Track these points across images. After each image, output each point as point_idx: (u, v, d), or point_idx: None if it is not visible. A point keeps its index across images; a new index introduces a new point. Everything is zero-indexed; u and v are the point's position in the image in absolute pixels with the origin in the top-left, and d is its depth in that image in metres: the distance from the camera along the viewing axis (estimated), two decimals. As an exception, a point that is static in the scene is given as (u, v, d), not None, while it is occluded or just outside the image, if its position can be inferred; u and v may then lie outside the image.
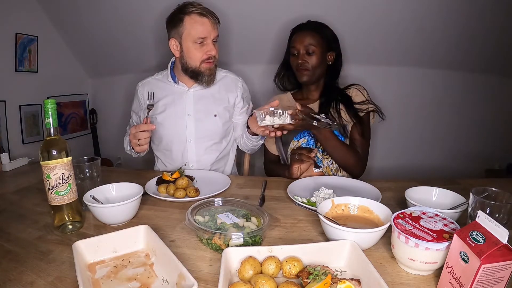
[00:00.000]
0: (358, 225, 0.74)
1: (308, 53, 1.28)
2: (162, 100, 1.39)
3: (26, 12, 2.05)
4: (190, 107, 1.36)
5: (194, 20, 1.22)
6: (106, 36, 2.24)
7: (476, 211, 0.60)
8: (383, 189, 0.99)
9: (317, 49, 1.27)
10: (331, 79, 1.37)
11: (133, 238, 0.71)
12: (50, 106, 0.75)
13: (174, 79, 1.38)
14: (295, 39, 1.30)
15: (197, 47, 1.25)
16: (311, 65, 1.28)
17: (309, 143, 1.30)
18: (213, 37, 1.25)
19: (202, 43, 1.24)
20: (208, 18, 1.23)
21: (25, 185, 1.16)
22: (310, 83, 1.34)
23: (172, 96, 1.38)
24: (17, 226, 0.84)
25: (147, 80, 1.47)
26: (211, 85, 1.35)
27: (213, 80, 1.34)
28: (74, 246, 0.64)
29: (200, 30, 1.22)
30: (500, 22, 1.77)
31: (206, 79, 1.31)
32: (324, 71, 1.34)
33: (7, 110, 2.01)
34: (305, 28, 1.31)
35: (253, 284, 0.55)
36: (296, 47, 1.29)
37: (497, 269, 0.47)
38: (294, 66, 1.33)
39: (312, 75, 1.30)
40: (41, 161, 0.75)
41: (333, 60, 1.34)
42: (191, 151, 1.38)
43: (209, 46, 1.25)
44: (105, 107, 2.72)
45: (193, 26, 1.22)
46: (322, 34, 1.29)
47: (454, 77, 2.13)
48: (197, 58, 1.26)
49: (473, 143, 2.23)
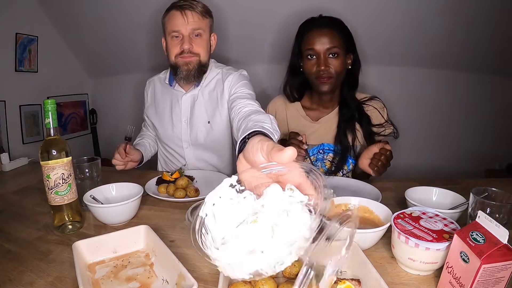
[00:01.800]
0: (358, 225, 0.74)
1: (331, 56, 1.08)
2: (161, 103, 1.38)
3: (26, 12, 2.05)
4: (186, 113, 1.33)
5: (171, 15, 1.20)
6: (106, 36, 2.24)
7: (476, 211, 0.60)
8: (383, 189, 0.99)
9: (341, 51, 1.08)
10: (350, 87, 1.18)
11: (133, 238, 0.71)
12: (50, 106, 0.75)
13: (171, 82, 1.35)
14: (312, 39, 1.08)
15: (172, 41, 1.21)
16: (334, 72, 1.09)
17: (318, 159, 1.23)
18: (189, 31, 1.18)
19: (178, 37, 1.20)
20: (183, 11, 1.17)
21: (25, 185, 1.16)
22: (329, 93, 1.15)
23: (169, 101, 1.36)
24: (17, 226, 0.84)
25: (153, 79, 1.45)
26: (193, 82, 1.28)
27: (193, 76, 1.24)
28: (74, 246, 0.64)
29: (173, 24, 1.18)
30: (500, 22, 1.77)
31: (183, 75, 1.23)
32: (343, 78, 1.15)
33: (7, 110, 2.01)
34: (323, 25, 1.09)
35: (253, 284, 0.55)
36: (316, 49, 1.08)
37: (497, 269, 0.47)
38: (313, 73, 1.11)
39: (334, 83, 1.12)
40: (41, 161, 0.75)
41: (351, 64, 1.16)
42: (189, 156, 1.38)
43: (183, 39, 1.19)
44: (105, 107, 2.73)
45: (168, 21, 1.20)
46: (343, 33, 1.10)
47: (454, 77, 2.13)
48: (172, 52, 1.22)
49: (473, 143, 2.23)
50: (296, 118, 1.27)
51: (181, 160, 1.40)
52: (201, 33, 1.21)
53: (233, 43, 2.10)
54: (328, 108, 1.22)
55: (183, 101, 1.33)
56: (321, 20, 1.13)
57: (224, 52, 2.07)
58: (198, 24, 1.19)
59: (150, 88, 1.44)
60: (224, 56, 2.14)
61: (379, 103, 1.20)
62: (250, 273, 0.37)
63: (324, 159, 1.23)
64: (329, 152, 1.22)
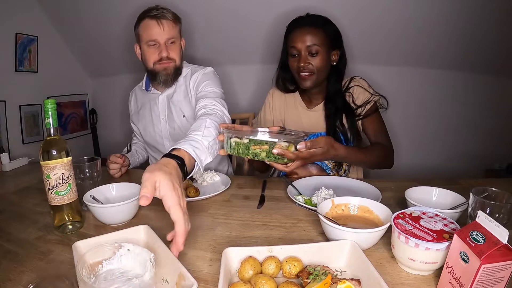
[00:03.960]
0: (358, 225, 0.74)
1: (311, 54, 1.13)
2: (141, 109, 1.48)
3: (26, 12, 2.05)
4: (163, 112, 1.41)
5: (146, 24, 1.26)
6: (106, 36, 2.24)
7: (476, 211, 0.60)
8: (383, 189, 0.99)
9: (322, 49, 1.12)
10: (335, 82, 1.22)
11: (133, 238, 0.71)
12: (50, 106, 0.75)
13: (147, 87, 1.43)
14: (295, 38, 1.14)
15: (149, 49, 1.28)
16: (315, 68, 1.13)
17: None
18: (164, 39, 1.26)
19: (155, 45, 1.27)
20: (158, 20, 1.24)
21: (25, 185, 1.16)
22: (314, 87, 1.21)
23: (148, 104, 1.45)
24: (17, 226, 0.84)
25: (134, 89, 1.56)
26: (170, 85, 1.37)
27: (171, 80, 1.34)
28: (74, 246, 0.64)
29: (149, 33, 1.25)
30: (500, 22, 1.77)
31: (162, 79, 1.32)
32: (328, 73, 1.20)
33: (7, 110, 2.01)
34: (305, 24, 1.14)
35: (253, 284, 0.55)
36: (297, 47, 1.13)
37: (497, 269, 0.47)
38: (295, 69, 1.17)
39: (316, 79, 1.15)
40: (41, 161, 0.75)
41: (337, 60, 1.20)
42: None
43: (161, 47, 1.27)
44: (105, 107, 2.73)
45: (144, 30, 1.27)
46: (326, 31, 1.14)
47: (454, 77, 2.13)
48: (150, 60, 1.29)
49: (473, 143, 2.23)
50: (293, 105, 1.32)
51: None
52: (175, 40, 1.30)
53: (221, 41, 2.11)
54: (318, 100, 1.28)
55: (160, 101, 1.42)
56: (306, 19, 1.17)
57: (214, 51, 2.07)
58: (172, 32, 1.28)
59: (132, 97, 1.55)
60: (217, 55, 2.15)
61: (357, 80, 1.24)
62: None
63: None
64: None
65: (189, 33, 1.78)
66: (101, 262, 0.60)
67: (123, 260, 0.61)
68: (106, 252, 0.62)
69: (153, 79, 1.37)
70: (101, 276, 0.58)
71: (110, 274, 0.58)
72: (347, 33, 1.31)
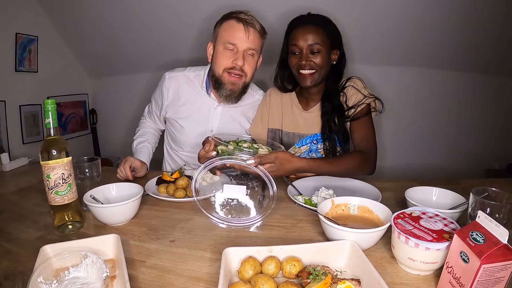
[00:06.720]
0: (358, 225, 0.74)
1: (312, 52, 1.12)
2: (188, 105, 1.32)
3: (26, 12, 2.06)
4: (215, 124, 1.31)
5: (230, 24, 1.16)
6: (106, 36, 2.24)
7: (476, 211, 0.60)
8: (383, 189, 0.99)
9: (323, 48, 1.12)
10: (334, 81, 1.22)
11: (103, 247, 0.68)
12: (50, 106, 0.75)
13: (208, 89, 1.30)
14: (296, 36, 1.14)
15: (225, 52, 1.17)
16: (316, 66, 1.13)
17: (311, 149, 1.26)
18: (245, 47, 1.16)
19: (232, 50, 1.17)
20: (245, 26, 1.14)
21: (25, 185, 1.16)
22: (313, 87, 1.20)
23: (199, 107, 1.31)
24: (17, 226, 0.84)
25: (176, 75, 1.34)
26: (232, 103, 1.26)
27: (235, 98, 1.24)
28: (42, 250, 0.62)
29: (231, 35, 1.15)
30: (500, 23, 1.77)
31: (226, 93, 1.21)
32: (327, 73, 1.19)
33: (7, 110, 2.01)
34: (307, 23, 1.14)
35: (253, 284, 0.55)
36: (298, 45, 1.13)
37: (497, 269, 0.47)
38: (295, 67, 1.17)
39: (316, 78, 1.16)
40: (41, 161, 0.75)
41: (337, 60, 1.20)
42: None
43: (237, 55, 1.16)
44: (105, 107, 2.73)
45: (226, 30, 1.17)
46: (327, 30, 1.14)
47: (454, 77, 2.13)
48: (221, 64, 1.18)
49: (473, 143, 2.23)
50: (289, 106, 1.31)
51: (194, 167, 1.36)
52: (254, 53, 1.20)
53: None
54: (315, 101, 1.26)
55: (215, 112, 1.31)
56: (308, 18, 1.17)
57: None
58: (256, 43, 1.18)
59: (172, 85, 1.33)
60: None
61: (354, 80, 1.22)
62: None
63: (318, 149, 1.25)
64: (322, 142, 1.25)
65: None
66: (68, 268, 0.59)
67: (88, 270, 0.59)
68: (73, 259, 0.61)
69: (215, 87, 1.24)
70: (64, 282, 0.57)
71: (73, 283, 0.57)
72: (347, 33, 1.30)
